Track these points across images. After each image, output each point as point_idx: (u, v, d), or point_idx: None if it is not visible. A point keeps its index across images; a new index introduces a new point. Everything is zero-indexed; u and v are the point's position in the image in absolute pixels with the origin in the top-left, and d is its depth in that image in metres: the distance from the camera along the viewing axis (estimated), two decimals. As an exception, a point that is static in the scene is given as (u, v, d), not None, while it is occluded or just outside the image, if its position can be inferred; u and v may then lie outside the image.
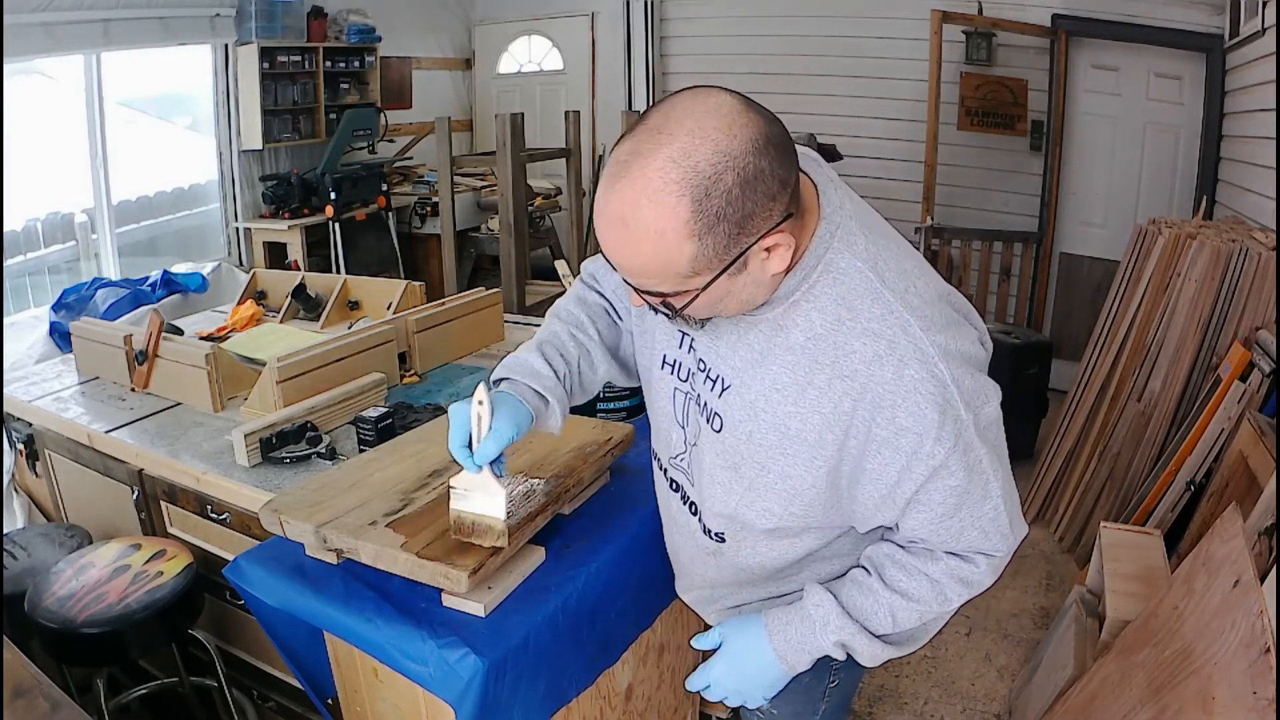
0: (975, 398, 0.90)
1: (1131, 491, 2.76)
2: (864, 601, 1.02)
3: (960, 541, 0.97)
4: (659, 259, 0.81)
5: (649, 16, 5.31)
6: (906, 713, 2.27)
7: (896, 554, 1.02)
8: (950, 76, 4.35)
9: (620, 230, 0.81)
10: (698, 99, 0.81)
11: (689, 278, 0.83)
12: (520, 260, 4.13)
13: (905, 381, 0.87)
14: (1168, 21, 3.86)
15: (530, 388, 1.13)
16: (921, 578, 1.00)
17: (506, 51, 6.08)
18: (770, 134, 0.80)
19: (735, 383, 0.97)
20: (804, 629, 1.04)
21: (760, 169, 0.78)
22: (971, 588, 1.01)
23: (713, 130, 0.78)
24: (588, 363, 1.21)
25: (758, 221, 0.81)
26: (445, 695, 1.16)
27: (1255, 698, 1.23)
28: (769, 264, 0.85)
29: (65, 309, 3.51)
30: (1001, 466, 0.95)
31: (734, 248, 0.81)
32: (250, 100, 4.50)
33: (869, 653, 1.03)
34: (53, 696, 1.16)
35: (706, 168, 0.77)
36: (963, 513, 0.94)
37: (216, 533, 1.79)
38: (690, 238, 0.79)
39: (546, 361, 1.15)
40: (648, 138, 0.79)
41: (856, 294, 0.89)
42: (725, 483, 1.02)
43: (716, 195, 0.77)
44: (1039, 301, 4.54)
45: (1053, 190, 4.38)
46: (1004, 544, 0.98)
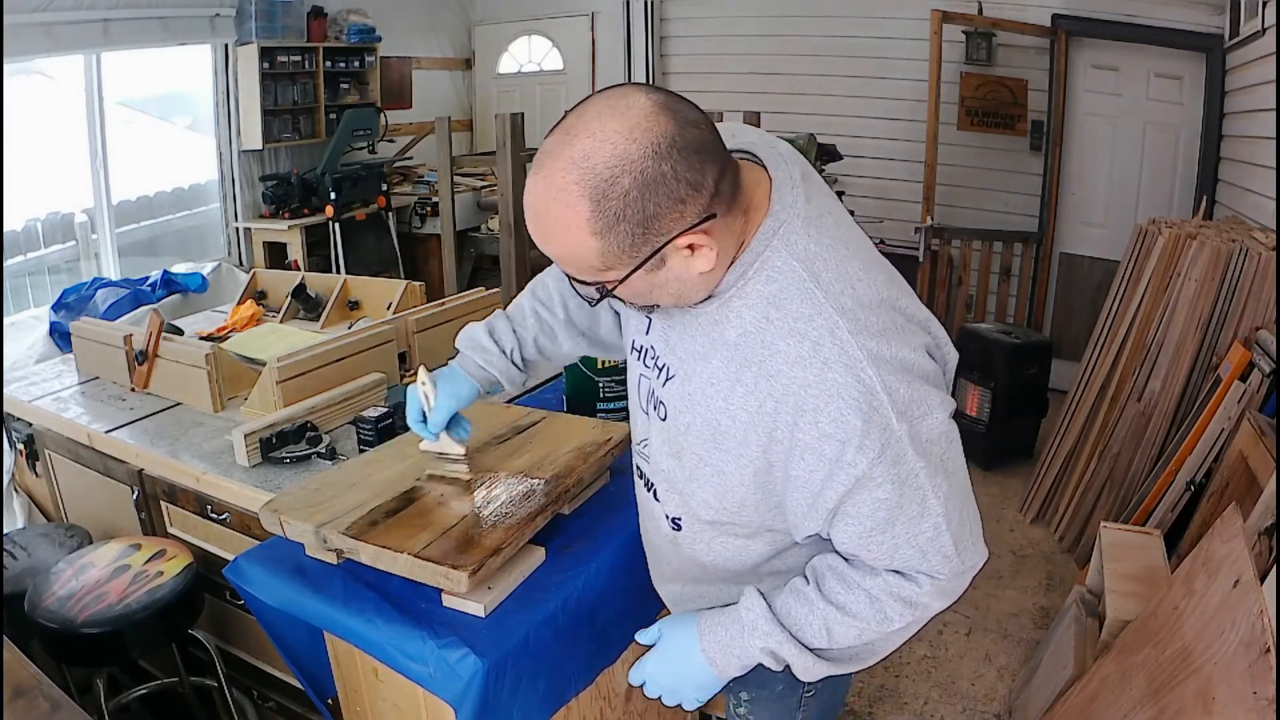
0: (912, 408, 0.86)
1: (1131, 491, 2.76)
2: (799, 610, 0.99)
3: (896, 559, 0.93)
4: (569, 251, 0.85)
5: (649, 16, 5.31)
6: (906, 713, 2.27)
7: (839, 565, 0.99)
8: (950, 76, 4.35)
9: (534, 223, 0.85)
10: (610, 100, 0.82)
11: (602, 271, 0.86)
12: (520, 260, 4.13)
13: (828, 385, 0.85)
14: (1168, 21, 3.86)
15: (474, 361, 1.29)
16: (860, 593, 0.96)
17: (506, 51, 6.08)
18: (680, 138, 0.80)
19: (679, 373, 0.99)
20: (733, 631, 1.02)
21: (661, 173, 0.79)
22: (915, 609, 0.96)
23: (613, 134, 0.79)
24: (548, 337, 1.29)
25: (665, 222, 0.82)
26: (445, 695, 1.16)
27: (1255, 698, 1.23)
28: (693, 262, 0.86)
29: (65, 309, 3.51)
30: (948, 484, 0.89)
31: (643, 246, 0.83)
32: (250, 100, 4.50)
33: (801, 665, 0.99)
34: (53, 696, 1.16)
35: (604, 170, 0.79)
36: (896, 529, 0.90)
37: (216, 533, 1.79)
38: (593, 235, 0.81)
39: (494, 339, 1.29)
40: (559, 137, 0.82)
41: (787, 293, 0.88)
42: (669, 470, 1.04)
43: (614, 197, 0.79)
44: (1039, 301, 4.54)
45: (1053, 190, 4.38)
46: (946, 566, 0.92)
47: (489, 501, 1.33)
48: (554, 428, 1.60)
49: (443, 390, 1.30)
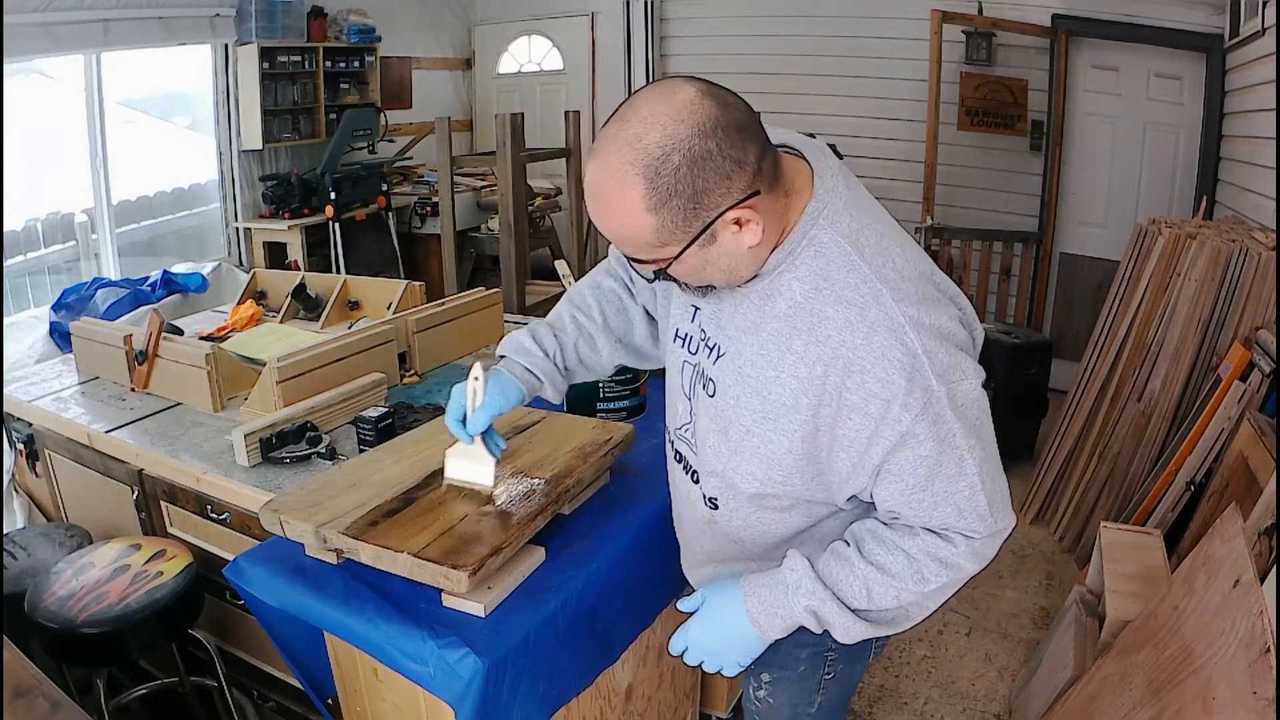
0: (950, 372, 0.92)
1: (1131, 491, 2.76)
2: (840, 571, 1.02)
3: (935, 517, 0.98)
4: (627, 229, 0.91)
5: (649, 16, 5.31)
6: (906, 713, 2.27)
7: (877, 529, 1.04)
8: (950, 76, 4.35)
9: (593, 204, 0.92)
10: (659, 90, 0.89)
11: (658, 247, 0.92)
12: (520, 260, 4.13)
13: (874, 347, 0.91)
14: (1168, 21, 3.85)
15: (522, 365, 1.27)
16: (899, 553, 1.00)
17: (506, 51, 6.08)
18: (723, 119, 0.87)
19: (729, 350, 1.04)
20: (777, 591, 1.05)
21: (707, 150, 0.86)
22: (950, 569, 1.00)
23: (662, 116, 0.86)
24: (587, 344, 1.31)
25: (713, 197, 0.88)
26: (445, 695, 1.16)
27: (1255, 698, 1.23)
28: (741, 238, 0.92)
29: (65, 309, 3.51)
30: (981, 447, 0.95)
31: (695, 221, 0.89)
32: (250, 100, 4.49)
33: (841, 625, 1.03)
34: (53, 696, 1.16)
35: (655, 149, 0.85)
36: (935, 486, 0.95)
37: (216, 533, 1.79)
38: (648, 211, 0.88)
39: (536, 342, 1.28)
40: (614, 125, 0.89)
41: (834, 265, 0.95)
42: (715, 445, 1.08)
43: (666, 174, 0.86)
44: (1039, 301, 4.54)
45: (1053, 190, 4.38)
46: (981, 525, 0.98)
47: (489, 501, 1.33)
48: (554, 428, 1.60)
49: (492, 389, 1.25)
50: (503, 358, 1.30)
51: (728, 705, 2.05)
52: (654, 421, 1.86)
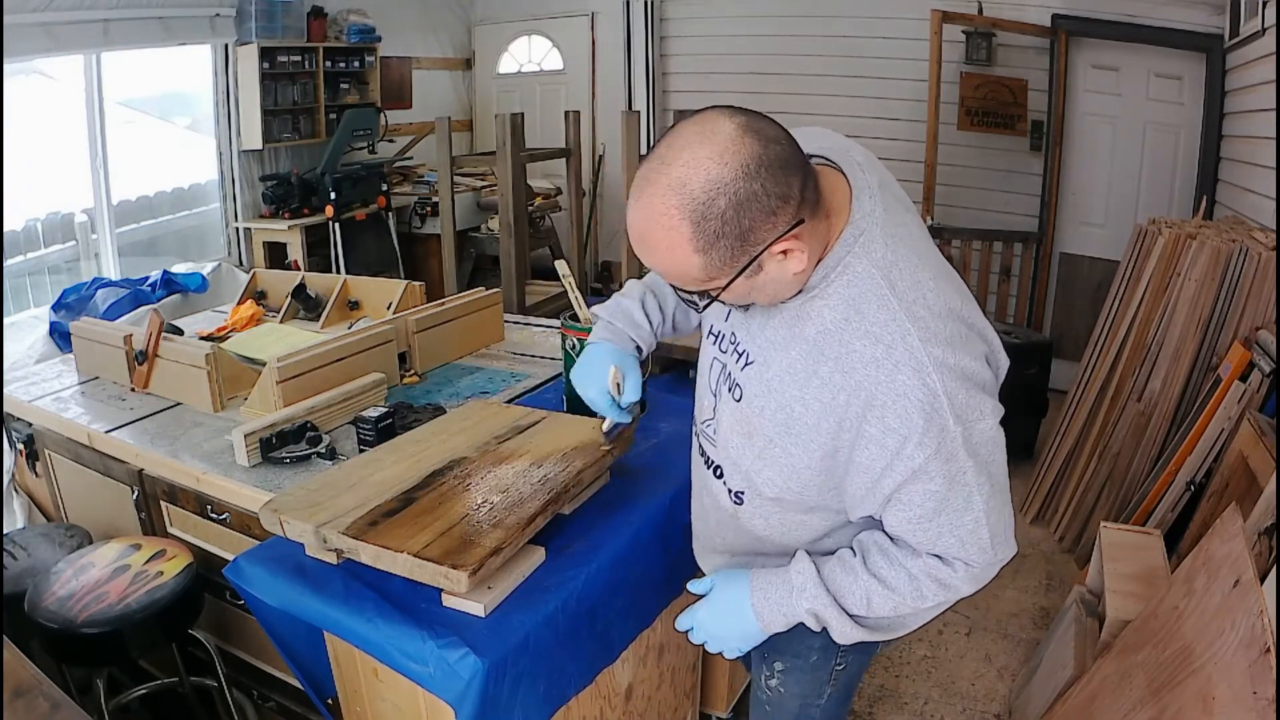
0: (968, 412, 0.94)
1: (1131, 491, 2.76)
2: (844, 579, 1.06)
3: (938, 545, 1.01)
4: (674, 268, 0.93)
5: (649, 16, 5.31)
6: (906, 713, 2.27)
7: (885, 544, 1.06)
8: (950, 76, 4.35)
9: (639, 245, 0.93)
10: (697, 127, 0.89)
11: (705, 282, 0.94)
12: (520, 260, 4.13)
13: (896, 386, 0.93)
14: (1168, 21, 3.85)
15: (628, 335, 1.33)
16: (901, 570, 1.04)
17: (506, 51, 6.08)
18: (765, 156, 0.87)
19: (758, 360, 1.06)
20: (783, 591, 1.09)
21: (752, 191, 0.87)
22: (948, 590, 1.04)
23: (704, 159, 0.86)
24: (683, 312, 1.38)
25: (760, 234, 0.89)
26: (445, 695, 1.16)
27: (1255, 698, 1.23)
28: (787, 265, 0.93)
29: (65, 309, 3.52)
30: (990, 484, 0.98)
31: (742, 257, 0.91)
32: (250, 100, 4.50)
33: (839, 628, 1.08)
34: (53, 696, 1.16)
35: (700, 194, 0.86)
36: (941, 519, 0.98)
37: (216, 533, 1.79)
38: (696, 252, 0.89)
39: (645, 314, 1.34)
40: (654, 166, 0.89)
41: (865, 298, 0.96)
42: (739, 447, 1.12)
43: (712, 217, 0.87)
44: (1039, 301, 4.54)
45: (1053, 190, 4.38)
46: (981, 557, 1.01)
47: (489, 501, 1.33)
48: (554, 428, 1.60)
49: (629, 377, 1.31)
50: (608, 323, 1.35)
51: (728, 705, 2.05)
52: (654, 421, 1.86)
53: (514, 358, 2.41)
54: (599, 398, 1.30)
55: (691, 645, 1.69)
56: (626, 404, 1.32)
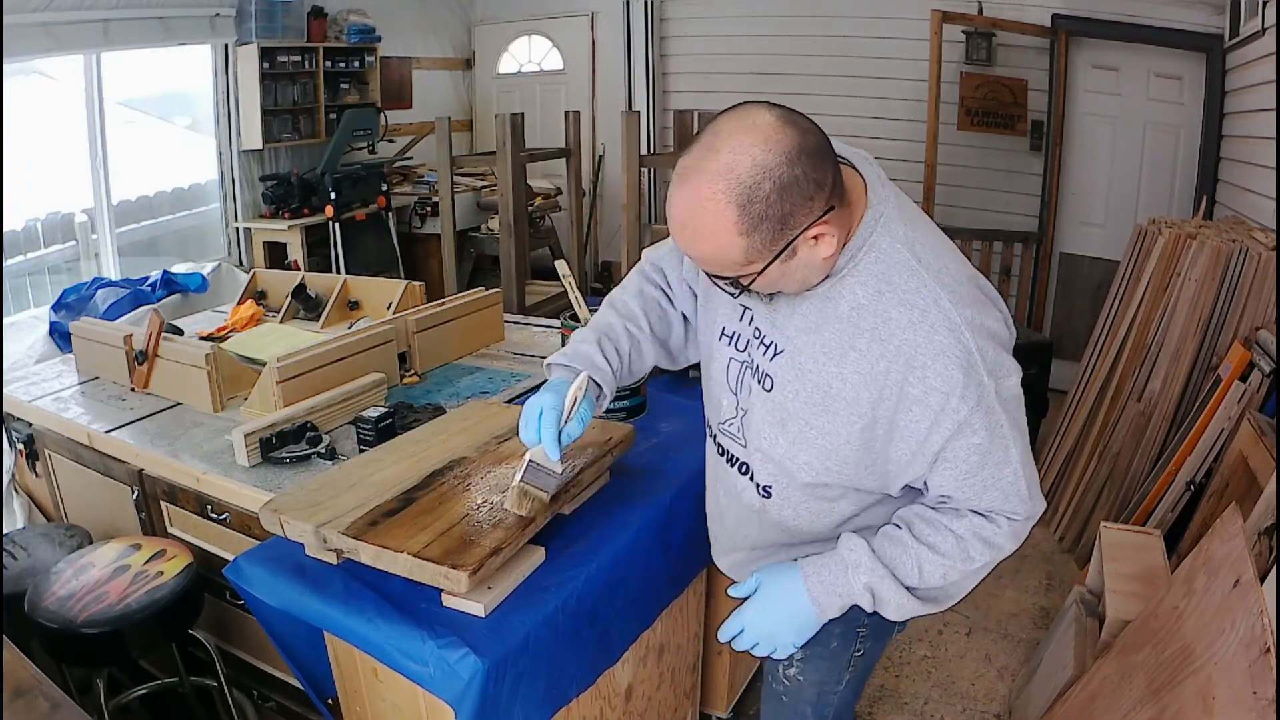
0: (997, 368, 1.01)
1: (1131, 491, 2.76)
2: (894, 551, 1.10)
3: (983, 500, 1.06)
4: (716, 253, 0.97)
5: (649, 16, 5.31)
6: (906, 713, 2.27)
7: (925, 512, 1.11)
8: (950, 76, 4.35)
9: (682, 231, 0.98)
10: (739, 119, 0.94)
11: (744, 265, 0.98)
12: (520, 260, 4.13)
13: (935, 345, 0.98)
14: (1168, 21, 3.85)
15: (592, 380, 1.28)
16: (947, 533, 1.08)
17: (506, 51, 6.08)
18: (804, 144, 0.93)
19: (788, 348, 1.10)
20: (836, 571, 1.12)
21: (794, 176, 0.92)
22: (993, 549, 1.09)
23: (750, 146, 0.91)
24: (637, 353, 1.35)
25: (798, 218, 0.94)
26: (445, 695, 1.16)
27: (1255, 698, 1.23)
28: (818, 249, 0.99)
29: (65, 309, 3.51)
30: (1020, 438, 1.04)
31: (780, 240, 0.95)
32: (250, 100, 4.50)
33: (895, 602, 1.10)
34: (53, 696, 1.16)
35: (747, 179, 0.91)
36: (985, 472, 1.03)
37: (216, 533, 1.79)
38: (740, 235, 0.94)
39: (604, 357, 1.30)
40: (700, 154, 0.94)
41: (895, 270, 1.02)
42: (772, 438, 1.13)
43: (757, 201, 0.92)
44: (1039, 301, 4.54)
45: (1053, 190, 4.38)
46: (1023, 508, 1.07)
47: (489, 501, 1.33)
48: (554, 428, 1.60)
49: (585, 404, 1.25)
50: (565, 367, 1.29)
51: (728, 705, 2.05)
52: (654, 422, 1.86)
53: (514, 358, 2.42)
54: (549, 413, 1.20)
55: (691, 645, 1.70)
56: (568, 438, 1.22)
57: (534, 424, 1.22)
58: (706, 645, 1.93)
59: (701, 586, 1.80)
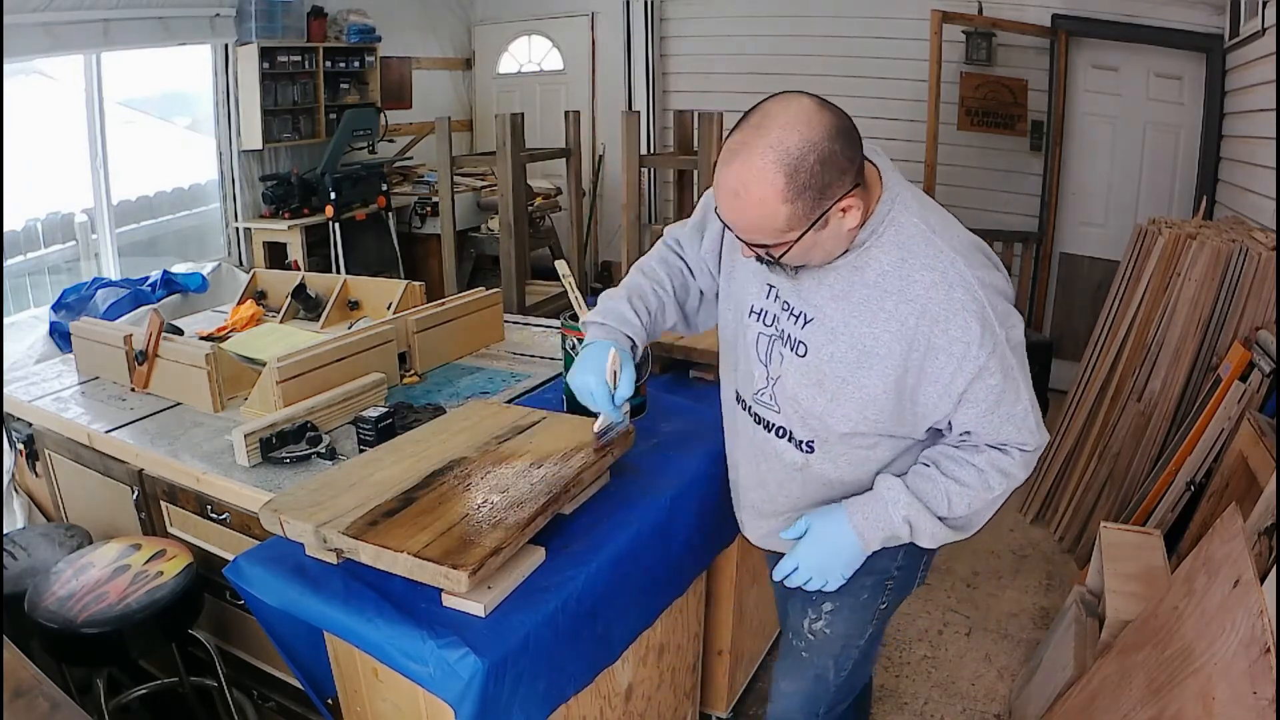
0: (1006, 319, 1.17)
1: (1131, 491, 2.76)
2: (925, 486, 1.25)
3: (1000, 434, 1.21)
4: (762, 219, 1.10)
5: (649, 16, 5.31)
6: (906, 713, 2.27)
7: (949, 450, 1.26)
8: (950, 76, 4.35)
9: (733, 199, 1.10)
10: (786, 102, 1.09)
11: (785, 232, 1.11)
12: (520, 260, 4.13)
13: (955, 301, 1.14)
14: (1168, 21, 3.85)
15: (624, 334, 1.41)
16: (969, 467, 1.23)
17: (506, 51, 6.08)
18: (839, 125, 1.08)
19: (818, 316, 1.23)
20: (877, 507, 1.26)
21: (834, 150, 1.06)
22: (1008, 478, 1.24)
23: (798, 124, 1.06)
24: (662, 312, 1.49)
25: (834, 189, 1.08)
26: (445, 695, 1.16)
27: (1255, 698, 1.23)
28: (845, 221, 1.13)
29: (65, 309, 3.51)
30: (1025, 379, 1.20)
31: (817, 210, 1.09)
32: (250, 100, 4.50)
33: (929, 531, 1.25)
34: (53, 696, 1.16)
35: (795, 151, 1.05)
36: (1001, 409, 1.18)
37: (216, 533, 1.79)
38: (784, 203, 1.07)
39: (634, 311, 1.43)
40: (751, 132, 1.07)
41: (914, 240, 1.17)
42: (810, 398, 1.26)
43: (803, 171, 1.05)
44: (1039, 301, 4.54)
45: (1053, 190, 4.38)
46: (1033, 439, 1.23)
47: (489, 501, 1.33)
48: (554, 428, 1.60)
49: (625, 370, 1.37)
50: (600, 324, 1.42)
51: (727, 705, 2.05)
52: (654, 422, 1.86)
53: (514, 358, 2.42)
54: (598, 387, 1.34)
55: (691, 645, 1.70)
56: (620, 400, 1.36)
57: (589, 400, 1.36)
58: (707, 645, 1.93)
59: (701, 586, 1.80)
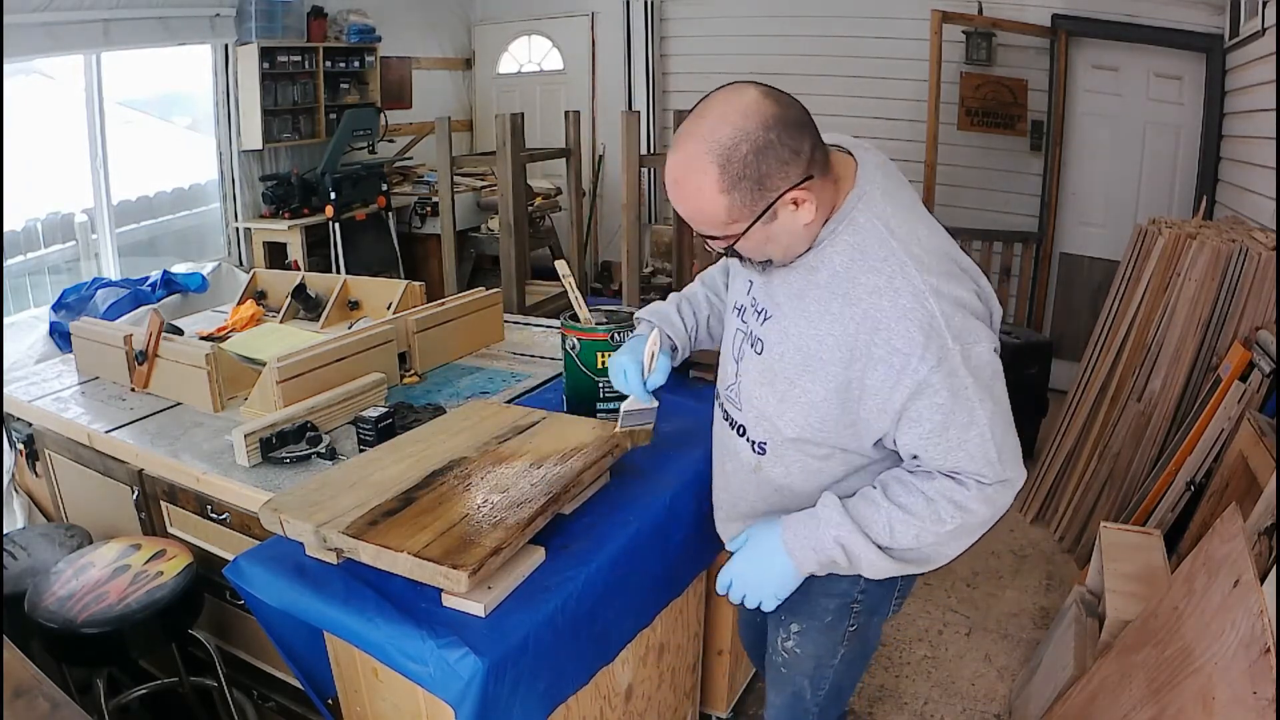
0: (965, 334, 1.07)
1: (1131, 491, 2.76)
2: (866, 510, 1.15)
3: (949, 461, 1.10)
4: (702, 209, 1.08)
5: (649, 16, 5.31)
6: (906, 713, 2.27)
7: (902, 475, 1.17)
8: (950, 76, 4.35)
9: (674, 188, 1.09)
10: (729, 93, 1.06)
11: (729, 224, 1.08)
12: (520, 260, 4.13)
13: (898, 309, 1.06)
14: (1168, 21, 3.85)
15: (666, 334, 1.46)
16: (919, 494, 1.13)
17: (506, 51, 6.08)
18: (781, 115, 1.03)
19: (776, 313, 1.20)
20: (810, 525, 1.18)
21: (770, 140, 1.02)
22: (963, 511, 1.12)
23: (732, 114, 1.03)
24: (715, 318, 1.53)
25: (775, 180, 1.04)
26: (445, 695, 1.16)
27: (1255, 698, 1.23)
28: (798, 215, 1.08)
29: (65, 309, 3.52)
30: (993, 404, 1.09)
31: (760, 201, 1.05)
32: (250, 100, 4.50)
33: (867, 559, 1.15)
34: (53, 696, 1.16)
35: (727, 140, 1.02)
36: (950, 433, 1.08)
37: (216, 533, 1.79)
38: (721, 193, 1.04)
39: (680, 316, 1.50)
40: (691, 122, 1.06)
41: (868, 240, 1.10)
42: (763, 397, 1.23)
43: (735, 161, 1.02)
44: (1039, 301, 4.54)
45: (1053, 190, 4.38)
46: (990, 471, 1.10)
47: (489, 501, 1.33)
48: (554, 428, 1.60)
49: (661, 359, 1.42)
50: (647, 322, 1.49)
51: (728, 705, 2.05)
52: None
53: (514, 358, 2.42)
54: (631, 366, 1.38)
55: (691, 645, 1.70)
56: (652, 385, 1.40)
57: (621, 380, 1.40)
58: (706, 645, 1.93)
59: (701, 586, 1.80)
